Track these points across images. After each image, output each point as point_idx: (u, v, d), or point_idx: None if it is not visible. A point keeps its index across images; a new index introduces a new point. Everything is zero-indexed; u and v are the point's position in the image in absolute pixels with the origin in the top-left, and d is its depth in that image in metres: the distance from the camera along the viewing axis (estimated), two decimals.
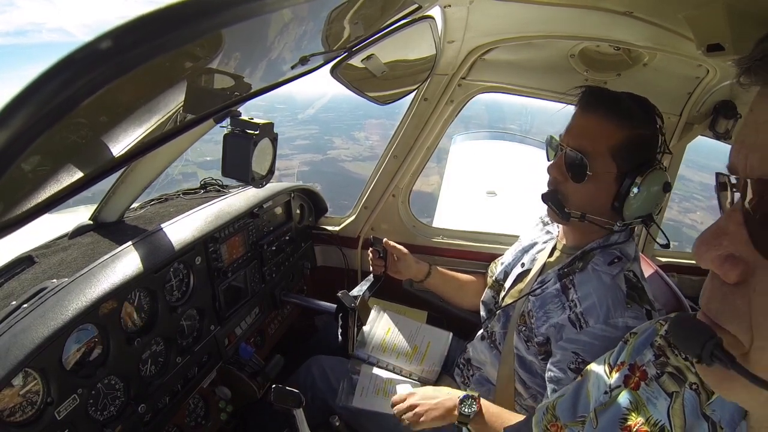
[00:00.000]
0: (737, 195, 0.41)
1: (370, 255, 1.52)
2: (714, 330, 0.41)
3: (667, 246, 1.14)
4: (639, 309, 0.99)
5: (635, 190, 1.02)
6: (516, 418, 1.04)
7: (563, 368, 1.02)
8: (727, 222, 0.41)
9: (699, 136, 1.71)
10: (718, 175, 0.45)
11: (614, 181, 1.04)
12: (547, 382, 1.06)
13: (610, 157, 1.02)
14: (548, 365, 1.06)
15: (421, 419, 1.11)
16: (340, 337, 1.32)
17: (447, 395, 1.13)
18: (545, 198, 1.12)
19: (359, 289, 1.39)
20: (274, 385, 1.05)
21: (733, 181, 0.42)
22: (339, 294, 1.29)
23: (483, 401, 1.09)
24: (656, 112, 1.05)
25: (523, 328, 1.16)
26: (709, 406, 0.58)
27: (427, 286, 1.59)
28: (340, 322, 1.31)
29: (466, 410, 1.07)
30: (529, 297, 1.15)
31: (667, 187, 1.04)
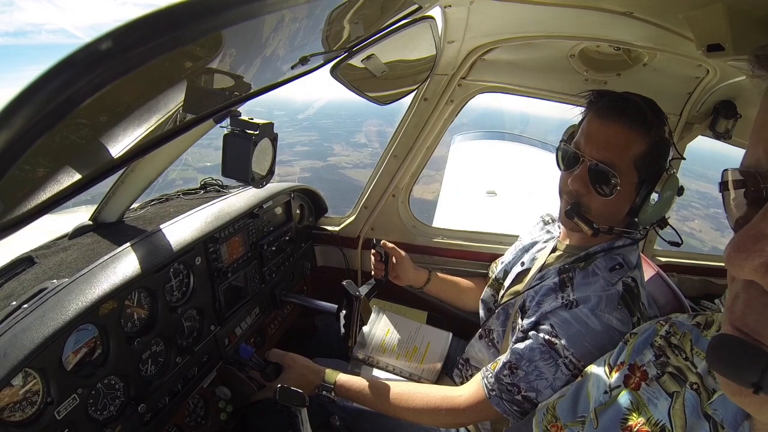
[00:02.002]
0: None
1: (373, 258, 1.52)
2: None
3: (679, 245, 1.13)
4: (627, 315, 0.99)
5: (655, 197, 1.01)
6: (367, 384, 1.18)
7: (535, 327, 1.04)
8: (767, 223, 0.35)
9: (699, 137, 1.71)
10: (728, 172, 0.43)
11: (634, 190, 1.03)
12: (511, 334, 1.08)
13: (633, 166, 1.01)
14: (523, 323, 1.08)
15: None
16: (342, 329, 1.31)
17: (311, 380, 1.23)
18: (571, 214, 1.07)
19: (360, 291, 1.39)
20: (279, 385, 1.06)
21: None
22: (344, 282, 1.26)
23: (342, 379, 1.21)
24: (664, 115, 1.04)
25: (515, 325, 1.16)
26: (711, 405, 0.58)
27: (427, 292, 1.60)
28: (344, 312, 1.29)
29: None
30: (527, 293, 1.15)
31: (680, 191, 1.03)
